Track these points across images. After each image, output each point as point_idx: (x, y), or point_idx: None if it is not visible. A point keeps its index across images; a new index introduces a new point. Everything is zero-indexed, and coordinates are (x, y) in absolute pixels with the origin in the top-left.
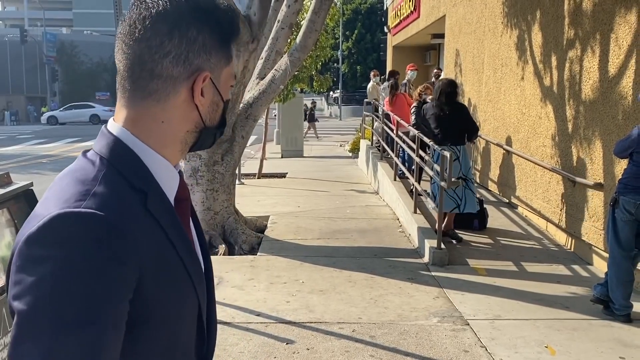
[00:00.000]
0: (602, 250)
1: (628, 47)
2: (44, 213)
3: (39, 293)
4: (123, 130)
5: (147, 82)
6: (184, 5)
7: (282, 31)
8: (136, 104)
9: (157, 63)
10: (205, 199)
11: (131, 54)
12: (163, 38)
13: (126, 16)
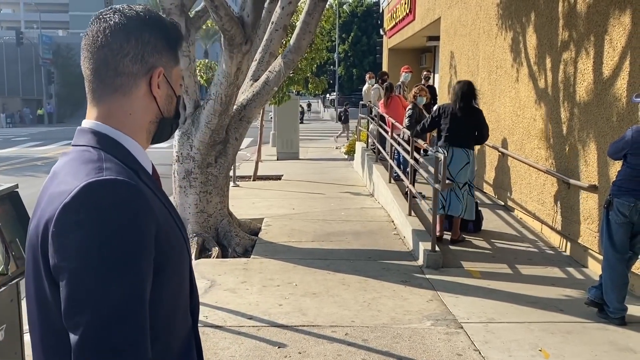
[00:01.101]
0: (597, 253)
1: (622, 49)
2: (67, 188)
3: (85, 250)
4: (99, 124)
5: (113, 79)
6: (136, 17)
7: (276, 33)
8: (105, 100)
9: (119, 62)
10: (198, 202)
11: (96, 59)
12: (122, 42)
13: (87, 31)
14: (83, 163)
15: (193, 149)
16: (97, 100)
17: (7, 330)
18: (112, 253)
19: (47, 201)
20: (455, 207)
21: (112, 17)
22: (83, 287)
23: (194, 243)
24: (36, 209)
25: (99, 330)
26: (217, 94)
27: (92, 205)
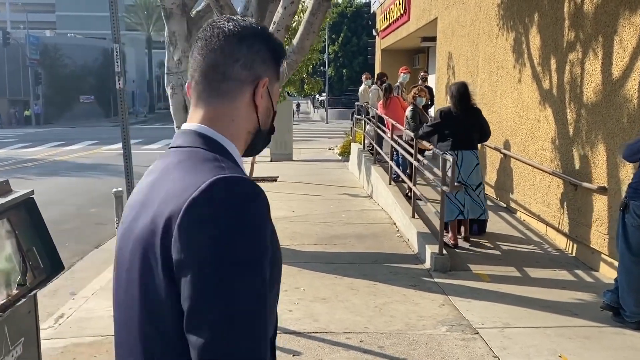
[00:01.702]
0: (607, 255)
1: (633, 49)
2: (192, 183)
3: (216, 245)
4: (205, 127)
5: (220, 83)
6: (249, 27)
7: (278, 33)
8: (211, 103)
9: (229, 67)
10: None
11: (207, 62)
12: (234, 48)
13: (200, 35)
14: (201, 161)
15: None
16: (202, 103)
17: (25, 343)
18: (242, 250)
19: (166, 197)
20: (474, 210)
21: (227, 24)
22: (212, 282)
23: None
24: (142, 207)
25: (227, 330)
26: None
27: (221, 200)
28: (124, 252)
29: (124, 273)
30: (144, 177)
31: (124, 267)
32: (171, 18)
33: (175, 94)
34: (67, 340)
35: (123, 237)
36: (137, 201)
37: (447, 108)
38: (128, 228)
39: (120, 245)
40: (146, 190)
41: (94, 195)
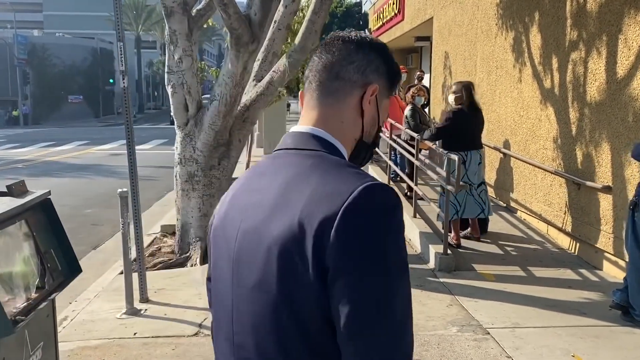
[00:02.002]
0: (611, 254)
1: (638, 48)
2: (341, 190)
3: (374, 251)
4: (318, 130)
5: (331, 82)
6: (369, 40)
7: (279, 32)
8: (321, 103)
9: (342, 68)
10: (201, 205)
11: (322, 62)
12: (350, 51)
13: (323, 41)
14: (336, 166)
15: (196, 151)
16: (314, 102)
17: (44, 348)
18: (396, 255)
19: (311, 201)
20: (471, 209)
21: (349, 34)
22: (372, 288)
23: (198, 248)
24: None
25: (393, 337)
26: (221, 95)
27: (375, 206)
28: (250, 251)
29: (252, 272)
30: (255, 177)
31: (251, 266)
32: (172, 16)
33: (175, 92)
34: (73, 343)
35: (248, 235)
36: (264, 202)
37: (458, 108)
38: (257, 228)
39: (242, 244)
40: (276, 193)
41: (88, 196)
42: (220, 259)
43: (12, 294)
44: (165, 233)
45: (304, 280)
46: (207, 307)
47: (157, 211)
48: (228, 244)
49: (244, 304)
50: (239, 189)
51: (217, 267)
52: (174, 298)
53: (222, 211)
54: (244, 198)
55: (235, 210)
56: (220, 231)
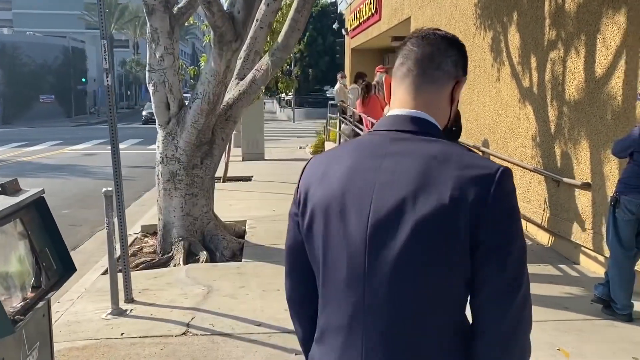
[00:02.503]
0: (591, 250)
1: (616, 47)
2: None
3: (519, 232)
4: (423, 114)
5: (434, 70)
6: (457, 38)
7: (261, 30)
8: (423, 89)
9: (443, 59)
10: (184, 204)
11: (423, 52)
12: (447, 46)
13: (415, 33)
14: (462, 149)
15: (178, 150)
16: (416, 88)
17: (40, 348)
18: (521, 229)
19: (461, 183)
20: None
21: (439, 31)
22: (517, 266)
23: (180, 248)
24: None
25: (527, 293)
26: (204, 93)
27: (512, 190)
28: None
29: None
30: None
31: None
32: (153, 14)
33: (157, 91)
34: (60, 344)
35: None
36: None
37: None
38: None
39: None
40: (413, 174)
41: (64, 197)
42: (339, 234)
43: (9, 293)
44: (146, 233)
45: (452, 251)
46: (193, 307)
47: (135, 211)
48: (358, 219)
49: (380, 273)
50: (353, 165)
51: (332, 239)
52: (159, 298)
53: (332, 188)
54: (367, 176)
55: (356, 187)
56: (346, 200)
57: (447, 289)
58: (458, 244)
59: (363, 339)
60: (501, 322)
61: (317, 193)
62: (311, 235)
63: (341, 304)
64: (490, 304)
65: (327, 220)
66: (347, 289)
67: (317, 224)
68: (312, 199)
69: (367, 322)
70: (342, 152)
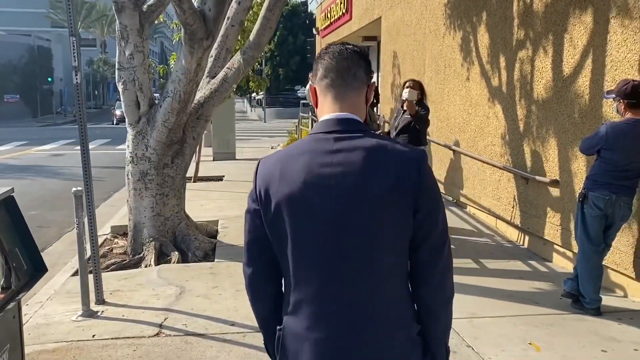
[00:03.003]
0: (559, 246)
1: (583, 47)
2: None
3: (440, 199)
4: (352, 115)
5: (352, 80)
6: (364, 50)
7: (232, 28)
8: (348, 96)
9: (357, 69)
10: (154, 204)
11: (340, 66)
12: (358, 58)
13: (329, 50)
14: (390, 140)
15: (149, 149)
16: (342, 96)
17: (10, 350)
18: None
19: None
20: None
21: (348, 45)
22: (443, 221)
23: (151, 248)
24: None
25: (449, 241)
26: (175, 91)
27: (430, 167)
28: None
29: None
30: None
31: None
32: (123, 12)
33: (126, 89)
34: (29, 347)
35: (347, 195)
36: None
37: (425, 104)
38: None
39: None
40: (361, 164)
41: (31, 198)
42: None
43: None
44: (116, 234)
45: (401, 214)
46: (166, 307)
47: (104, 212)
48: (323, 205)
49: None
50: (309, 163)
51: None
52: (131, 299)
53: (297, 175)
54: (323, 171)
55: (316, 180)
56: (309, 191)
57: (398, 243)
58: (406, 210)
59: (335, 301)
60: (436, 267)
61: (280, 189)
62: (277, 226)
63: (312, 279)
64: (427, 254)
65: (293, 211)
66: (319, 265)
67: (283, 216)
68: (275, 195)
69: (339, 285)
70: (293, 152)
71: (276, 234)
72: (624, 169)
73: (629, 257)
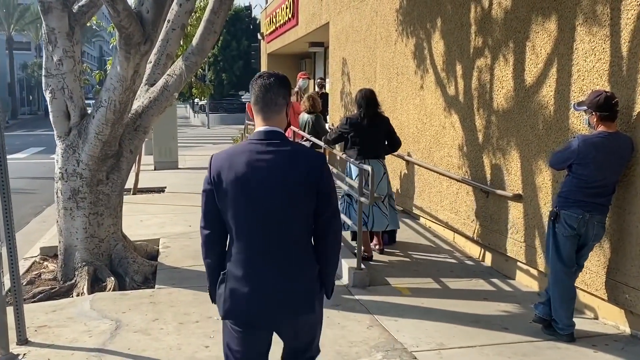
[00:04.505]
0: (523, 263)
1: (547, 55)
2: (314, 155)
3: (333, 184)
4: (277, 128)
5: (274, 106)
6: (282, 77)
7: (173, 32)
8: (272, 116)
9: (277, 97)
10: (87, 225)
11: (269, 93)
12: (278, 87)
13: (259, 81)
14: (301, 146)
15: (80, 165)
16: (268, 116)
17: None
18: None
19: (306, 162)
20: (379, 222)
21: (272, 74)
22: (335, 199)
23: (84, 274)
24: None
25: (339, 212)
26: (109, 101)
27: (326, 163)
28: (276, 187)
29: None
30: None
31: (279, 192)
32: (50, 13)
33: (55, 98)
34: None
35: (272, 180)
36: (278, 165)
37: (355, 115)
38: (279, 175)
39: (268, 184)
40: (282, 160)
41: None
42: (248, 194)
43: None
44: (46, 256)
45: (308, 194)
46: (99, 347)
47: (34, 229)
48: (257, 187)
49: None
50: (248, 158)
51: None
52: (59, 337)
53: (241, 167)
54: (257, 164)
55: (253, 170)
56: (248, 177)
57: (305, 212)
58: (311, 193)
59: (262, 250)
60: (332, 228)
61: (228, 175)
62: (225, 200)
63: (246, 236)
64: (326, 220)
65: (236, 190)
66: (251, 227)
67: (230, 193)
68: (225, 179)
69: (268, 243)
70: (237, 151)
71: (224, 205)
72: (597, 185)
73: (600, 277)
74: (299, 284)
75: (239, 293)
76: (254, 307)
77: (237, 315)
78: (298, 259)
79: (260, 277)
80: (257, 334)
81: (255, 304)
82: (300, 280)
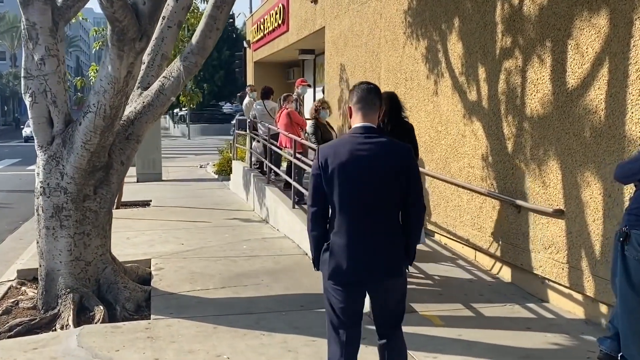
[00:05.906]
0: (565, 287)
1: (595, 54)
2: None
3: (419, 173)
4: (373, 125)
5: (372, 106)
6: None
7: (169, 30)
8: (370, 114)
9: (376, 99)
10: (73, 247)
11: (369, 97)
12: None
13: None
14: (395, 140)
15: (65, 178)
16: (367, 114)
17: None
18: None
19: (400, 153)
20: None
21: (371, 83)
22: (421, 185)
23: (69, 302)
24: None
25: (422, 193)
26: (99, 105)
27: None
28: (378, 171)
29: (382, 176)
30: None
31: (381, 174)
32: (30, 5)
33: (35, 103)
34: None
35: (375, 165)
36: (378, 154)
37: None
38: (379, 163)
39: (373, 169)
40: (381, 150)
41: None
42: (351, 177)
43: None
44: (24, 280)
45: (399, 178)
46: None
47: (11, 247)
48: (360, 172)
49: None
50: (351, 148)
51: (346, 182)
52: None
53: (344, 155)
54: (360, 152)
55: (356, 158)
56: (351, 164)
57: (397, 193)
58: (403, 177)
59: (363, 224)
60: (417, 207)
61: (334, 161)
62: (332, 181)
63: (349, 212)
64: (413, 199)
65: (341, 174)
66: (355, 205)
67: (336, 176)
68: (331, 164)
69: (367, 218)
70: (341, 143)
71: (330, 186)
72: None
73: None
74: (390, 252)
75: (341, 258)
76: (354, 270)
77: (340, 276)
78: (389, 232)
79: (358, 246)
80: (355, 292)
81: (354, 267)
82: (391, 249)
